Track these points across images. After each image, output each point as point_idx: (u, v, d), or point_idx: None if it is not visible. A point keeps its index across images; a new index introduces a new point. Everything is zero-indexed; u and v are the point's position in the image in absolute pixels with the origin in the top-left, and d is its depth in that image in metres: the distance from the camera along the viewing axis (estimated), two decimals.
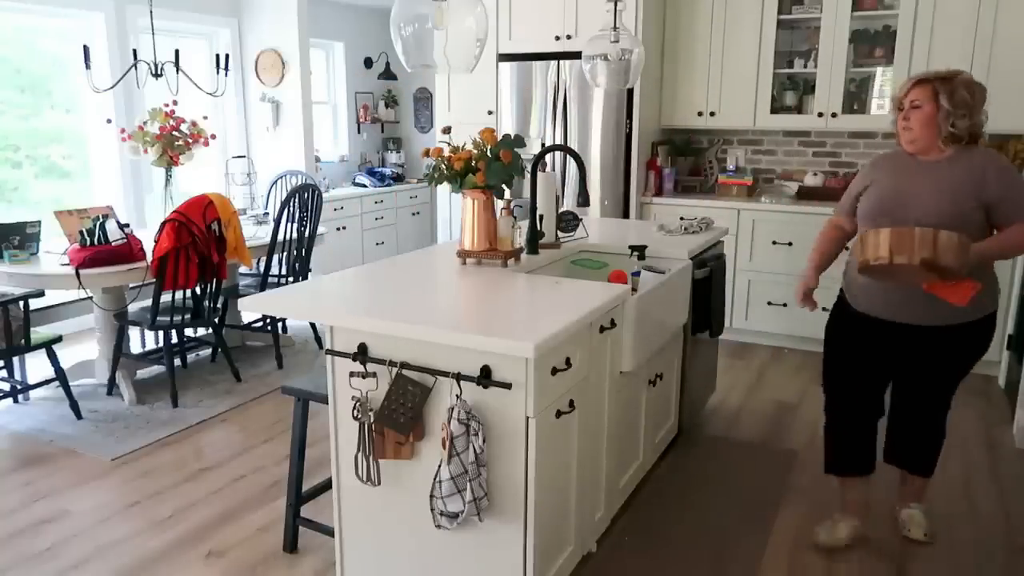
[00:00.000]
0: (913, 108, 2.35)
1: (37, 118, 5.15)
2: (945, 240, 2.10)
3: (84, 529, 2.79)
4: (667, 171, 5.27)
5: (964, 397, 4.10)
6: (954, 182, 2.32)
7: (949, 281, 2.20)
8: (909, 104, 2.36)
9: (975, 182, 2.30)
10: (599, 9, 3.69)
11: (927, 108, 2.32)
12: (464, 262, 2.72)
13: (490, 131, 2.65)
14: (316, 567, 2.57)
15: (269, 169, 6.13)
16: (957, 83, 2.30)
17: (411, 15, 2.40)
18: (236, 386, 4.20)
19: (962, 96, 2.29)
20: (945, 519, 2.86)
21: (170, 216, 3.67)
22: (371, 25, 7.44)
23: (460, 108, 5.47)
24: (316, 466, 3.13)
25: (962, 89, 2.29)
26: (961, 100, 2.29)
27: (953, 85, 2.30)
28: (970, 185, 2.30)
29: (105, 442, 3.49)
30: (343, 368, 2.13)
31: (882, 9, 4.68)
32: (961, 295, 2.23)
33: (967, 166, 2.33)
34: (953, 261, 2.09)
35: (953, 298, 2.24)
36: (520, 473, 1.94)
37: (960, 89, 2.29)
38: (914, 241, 2.11)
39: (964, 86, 2.30)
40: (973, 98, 2.30)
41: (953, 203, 2.30)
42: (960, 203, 2.30)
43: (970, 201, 2.29)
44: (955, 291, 2.23)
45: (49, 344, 3.66)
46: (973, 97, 2.30)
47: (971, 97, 2.30)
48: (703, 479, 3.16)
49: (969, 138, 2.34)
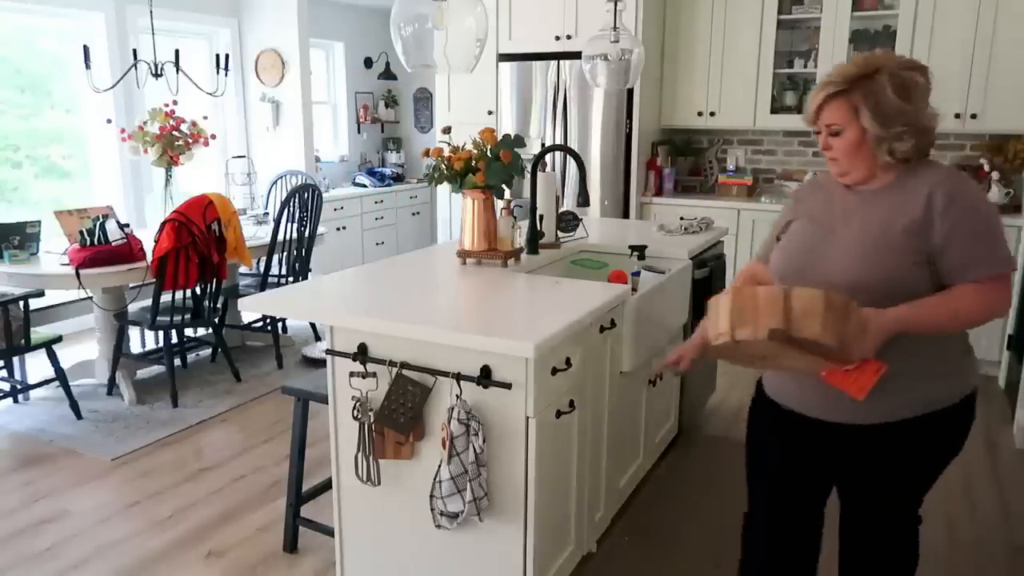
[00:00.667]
0: (832, 136, 1.66)
1: (37, 118, 5.15)
2: (804, 304, 1.44)
3: (84, 529, 2.79)
4: (667, 171, 5.27)
5: None
6: (886, 222, 1.61)
7: (839, 363, 1.53)
8: (826, 130, 1.66)
9: (915, 219, 1.58)
10: (599, 9, 3.69)
11: (850, 134, 1.62)
12: (464, 262, 2.72)
13: (490, 131, 2.65)
14: (316, 567, 2.56)
15: (269, 169, 6.12)
16: (881, 84, 1.57)
17: (411, 15, 2.40)
18: (236, 386, 4.20)
19: (892, 104, 1.57)
20: (945, 519, 2.86)
21: (170, 216, 3.67)
22: (371, 25, 7.44)
23: (460, 108, 5.46)
24: (316, 466, 3.13)
25: (890, 92, 1.57)
26: (893, 110, 1.57)
27: (876, 89, 1.57)
28: (908, 224, 1.58)
29: (105, 442, 3.49)
30: (343, 368, 2.13)
31: (882, 9, 4.68)
32: (859, 384, 1.56)
33: (910, 195, 1.61)
34: (822, 333, 1.42)
35: (851, 388, 1.57)
36: (520, 473, 1.94)
37: (887, 93, 1.57)
38: (757, 306, 1.46)
39: (894, 86, 1.57)
40: (910, 98, 1.58)
41: (877, 254, 1.60)
42: (888, 254, 1.59)
43: (905, 252, 1.58)
44: (852, 378, 1.56)
45: (49, 344, 3.66)
46: (910, 97, 1.58)
47: (907, 98, 1.58)
48: (703, 479, 3.16)
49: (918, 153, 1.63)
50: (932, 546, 2.68)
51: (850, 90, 1.60)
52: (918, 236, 1.58)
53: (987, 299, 1.57)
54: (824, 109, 1.65)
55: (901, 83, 1.58)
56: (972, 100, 4.43)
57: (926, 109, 1.60)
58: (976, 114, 4.44)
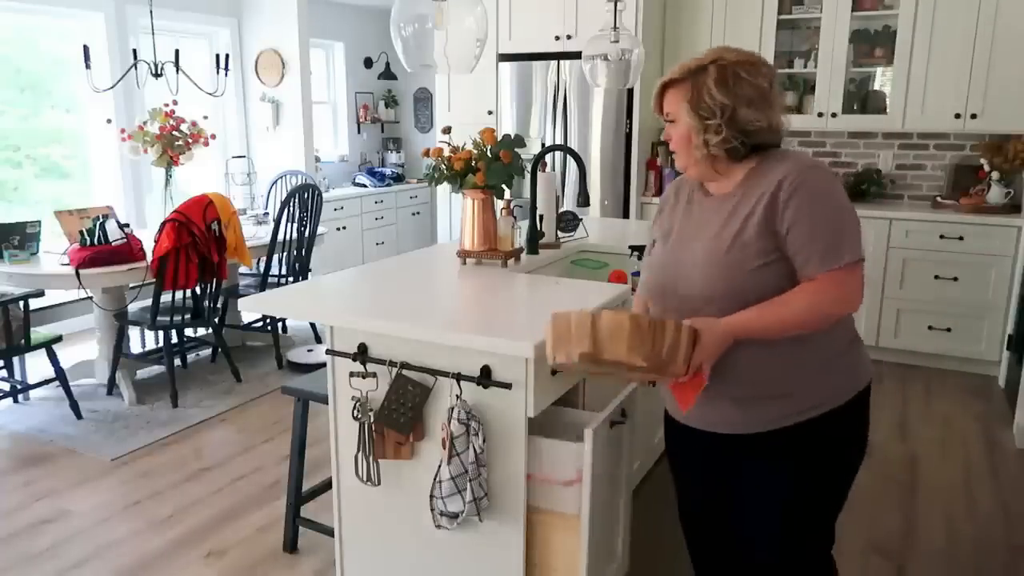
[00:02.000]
0: (669, 122, 1.65)
1: (37, 118, 5.15)
2: (610, 327, 1.44)
3: (84, 529, 2.79)
4: (667, 171, 5.27)
5: (964, 397, 4.10)
6: (735, 228, 1.55)
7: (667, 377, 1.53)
8: (665, 120, 1.65)
9: (763, 217, 1.52)
10: (599, 9, 3.68)
11: (680, 125, 1.61)
12: (464, 262, 2.72)
13: (490, 131, 2.65)
14: (316, 567, 2.57)
15: (269, 169, 6.12)
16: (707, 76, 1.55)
17: (411, 15, 2.40)
18: (236, 386, 4.20)
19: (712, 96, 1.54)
20: (945, 518, 2.86)
21: (170, 216, 3.67)
22: (371, 25, 7.44)
23: (460, 108, 5.46)
24: (316, 466, 3.13)
25: (711, 84, 1.54)
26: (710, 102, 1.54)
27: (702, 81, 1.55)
28: (758, 224, 1.52)
29: (105, 442, 3.49)
30: (343, 368, 2.13)
31: (882, 9, 4.68)
32: (683, 397, 1.57)
33: (756, 192, 1.55)
34: (628, 355, 1.43)
35: (679, 400, 1.58)
36: (520, 473, 1.94)
37: (709, 84, 1.54)
38: (570, 331, 1.48)
39: (717, 78, 1.54)
40: (731, 92, 1.53)
41: (727, 266, 1.54)
42: (737, 264, 1.53)
43: (757, 256, 1.52)
44: (679, 390, 1.58)
45: (49, 344, 3.66)
46: (731, 90, 1.53)
47: (727, 92, 1.53)
48: None
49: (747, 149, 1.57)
50: (932, 545, 2.69)
51: (683, 80, 1.58)
52: (767, 235, 1.52)
53: (824, 297, 1.49)
54: (664, 98, 1.64)
55: (724, 76, 1.54)
56: (972, 100, 4.43)
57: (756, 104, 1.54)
58: (976, 114, 4.44)
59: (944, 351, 4.45)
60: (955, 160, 4.81)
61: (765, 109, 1.55)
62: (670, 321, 1.47)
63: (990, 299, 4.29)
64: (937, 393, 4.16)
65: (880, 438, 3.56)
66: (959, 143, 4.79)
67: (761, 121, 1.55)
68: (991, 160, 4.51)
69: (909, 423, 3.75)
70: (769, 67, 1.58)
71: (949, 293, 4.38)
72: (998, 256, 4.24)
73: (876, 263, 4.51)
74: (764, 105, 1.55)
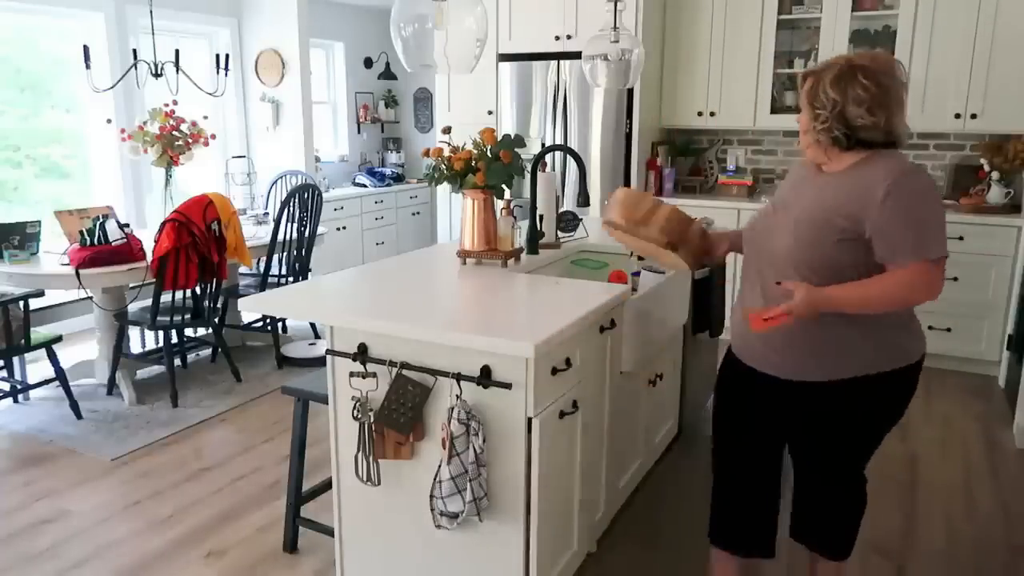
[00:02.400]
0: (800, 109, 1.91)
1: (37, 118, 5.15)
2: (616, 194, 2.03)
3: (84, 529, 2.79)
4: (667, 171, 5.27)
5: (964, 397, 4.10)
6: (831, 202, 1.78)
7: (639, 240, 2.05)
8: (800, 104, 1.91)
9: (858, 202, 1.74)
10: (599, 9, 3.69)
11: (803, 112, 1.87)
12: (464, 262, 2.72)
13: (490, 131, 2.65)
14: (316, 567, 2.57)
15: (269, 169, 6.12)
16: (828, 74, 1.78)
17: (411, 15, 2.40)
18: (236, 386, 4.20)
19: (825, 93, 1.77)
20: (945, 518, 2.86)
21: (170, 216, 3.67)
22: (371, 25, 7.44)
23: (460, 108, 5.46)
24: (316, 466, 3.13)
25: (827, 82, 1.77)
26: (823, 98, 1.78)
27: (822, 79, 1.79)
28: (849, 207, 1.75)
29: (105, 442, 3.49)
30: (343, 368, 2.13)
31: (882, 9, 4.68)
32: (759, 322, 1.80)
33: (857, 181, 1.76)
34: (616, 212, 2.01)
35: (754, 321, 1.81)
36: (520, 473, 1.94)
37: (825, 83, 1.78)
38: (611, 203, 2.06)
39: (834, 77, 1.76)
40: (841, 91, 1.75)
41: (809, 231, 1.79)
42: (821, 232, 1.77)
43: (835, 231, 1.76)
44: (758, 318, 1.80)
45: (49, 344, 3.66)
46: (841, 90, 1.75)
47: (839, 91, 1.75)
48: (703, 479, 3.15)
49: (876, 143, 1.78)
50: (932, 545, 2.69)
51: (811, 75, 1.83)
52: (854, 219, 1.74)
53: (909, 283, 1.71)
54: (804, 85, 1.86)
55: (840, 76, 1.76)
56: (972, 100, 4.43)
57: (866, 104, 1.74)
58: (976, 114, 4.44)
59: (944, 351, 4.45)
60: (955, 160, 4.81)
61: (876, 111, 1.75)
62: (649, 196, 2.02)
63: (990, 299, 4.29)
64: (937, 393, 4.16)
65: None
66: (959, 143, 4.79)
67: (866, 120, 1.75)
68: (991, 160, 4.51)
69: (909, 423, 3.75)
70: (892, 76, 1.77)
71: (949, 293, 4.38)
72: (998, 256, 4.24)
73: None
74: (875, 107, 1.75)
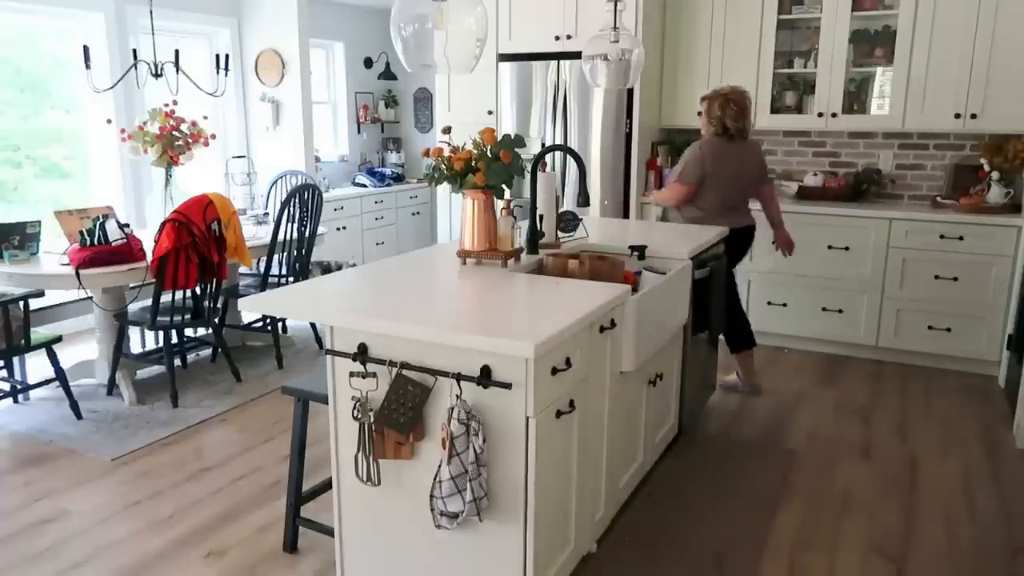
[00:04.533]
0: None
1: (37, 118, 5.15)
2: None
3: (84, 529, 2.79)
4: (667, 171, 5.26)
5: (964, 397, 4.10)
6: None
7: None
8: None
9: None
10: (599, 9, 3.69)
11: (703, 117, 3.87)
12: (464, 262, 2.72)
13: (490, 131, 2.65)
14: (316, 567, 2.57)
15: (269, 169, 6.12)
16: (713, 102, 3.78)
17: (411, 15, 2.40)
18: (236, 386, 4.20)
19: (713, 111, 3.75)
20: (945, 519, 2.86)
21: (170, 216, 3.67)
22: (371, 25, 7.44)
23: (460, 108, 5.47)
24: (316, 466, 3.13)
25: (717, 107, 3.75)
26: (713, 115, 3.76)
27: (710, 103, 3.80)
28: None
29: (105, 442, 3.49)
30: (343, 368, 2.13)
31: (882, 9, 4.68)
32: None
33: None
34: None
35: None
36: (520, 473, 1.94)
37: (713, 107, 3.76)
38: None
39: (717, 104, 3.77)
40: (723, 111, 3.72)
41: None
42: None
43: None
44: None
45: (49, 344, 3.66)
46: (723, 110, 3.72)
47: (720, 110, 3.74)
48: (703, 479, 3.16)
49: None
50: (932, 545, 2.69)
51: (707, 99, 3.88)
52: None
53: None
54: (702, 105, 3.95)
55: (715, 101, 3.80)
56: (972, 100, 4.44)
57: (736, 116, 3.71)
58: (976, 114, 4.44)
59: (944, 351, 4.45)
60: (955, 160, 4.81)
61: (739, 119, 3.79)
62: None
63: (990, 299, 4.30)
64: (937, 393, 4.16)
65: (880, 438, 3.57)
66: (959, 143, 4.79)
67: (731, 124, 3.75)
68: (991, 160, 4.50)
69: (909, 423, 3.75)
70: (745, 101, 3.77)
71: (949, 293, 4.38)
72: (998, 256, 4.24)
73: (876, 263, 4.51)
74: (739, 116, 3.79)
